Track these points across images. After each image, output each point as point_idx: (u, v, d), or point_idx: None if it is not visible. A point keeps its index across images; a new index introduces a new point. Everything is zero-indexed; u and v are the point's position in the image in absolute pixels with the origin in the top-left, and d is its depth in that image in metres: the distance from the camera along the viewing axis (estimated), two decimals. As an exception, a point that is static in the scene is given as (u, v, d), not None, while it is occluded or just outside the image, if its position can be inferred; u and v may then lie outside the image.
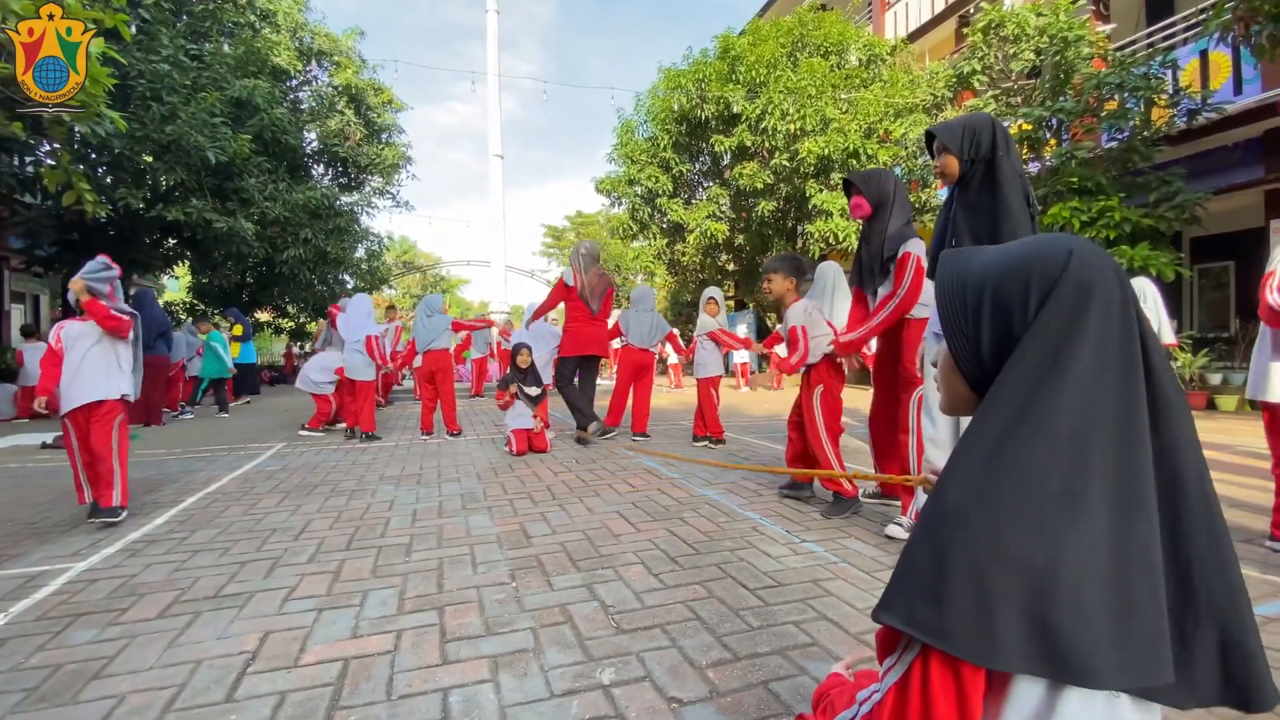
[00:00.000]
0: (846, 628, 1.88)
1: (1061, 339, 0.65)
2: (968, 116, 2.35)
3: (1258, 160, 8.16)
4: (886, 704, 0.68)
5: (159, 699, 1.54)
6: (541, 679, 1.60)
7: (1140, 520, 0.62)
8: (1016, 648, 0.60)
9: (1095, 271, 0.66)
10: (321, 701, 1.51)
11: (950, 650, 0.62)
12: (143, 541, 2.88)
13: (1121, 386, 0.64)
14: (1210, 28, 5.61)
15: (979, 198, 2.29)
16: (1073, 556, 0.60)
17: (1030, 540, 0.61)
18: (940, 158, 2.36)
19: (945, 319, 0.77)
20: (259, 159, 11.10)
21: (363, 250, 15.30)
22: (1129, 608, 0.61)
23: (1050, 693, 0.64)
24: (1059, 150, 8.28)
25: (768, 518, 3.11)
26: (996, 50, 9.36)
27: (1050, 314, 0.66)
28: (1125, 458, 0.63)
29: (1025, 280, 0.69)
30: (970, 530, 0.63)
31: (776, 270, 3.54)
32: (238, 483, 4.17)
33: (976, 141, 2.28)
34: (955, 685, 0.63)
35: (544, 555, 2.59)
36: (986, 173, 2.28)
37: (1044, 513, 0.61)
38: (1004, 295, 0.70)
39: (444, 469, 4.56)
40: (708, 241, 13.44)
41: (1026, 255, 0.71)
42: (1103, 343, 0.64)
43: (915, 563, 0.67)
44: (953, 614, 0.62)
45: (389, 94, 15.62)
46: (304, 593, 2.22)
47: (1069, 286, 0.66)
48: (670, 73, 13.29)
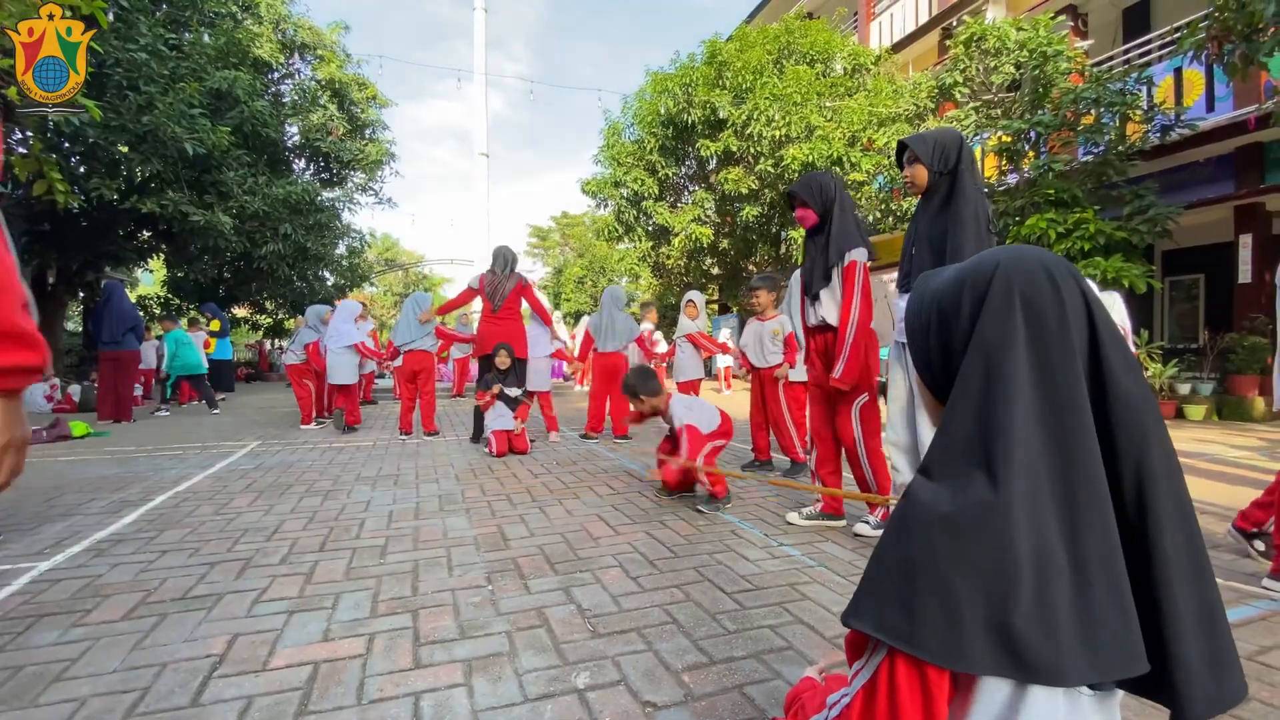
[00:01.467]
0: (822, 631, 1.89)
1: (997, 347, 0.68)
2: (939, 130, 2.47)
3: (1228, 176, 8.41)
4: (855, 707, 0.70)
5: (121, 703, 1.50)
6: (515, 683, 1.59)
7: (1094, 518, 0.64)
8: (983, 651, 0.62)
9: (1021, 279, 0.69)
10: (290, 706, 1.49)
11: (919, 654, 0.64)
12: (109, 541, 2.81)
13: (1063, 388, 0.66)
14: (1185, 46, 5.76)
15: (940, 208, 2.41)
16: (1032, 560, 0.62)
17: (990, 547, 0.62)
18: (911, 167, 2.46)
19: (909, 335, 0.82)
20: (238, 152, 10.92)
21: (344, 247, 15.13)
22: (1091, 606, 0.62)
23: (1016, 691, 0.65)
24: (1037, 162, 8.45)
25: (746, 521, 3.12)
26: (978, 63, 9.52)
27: (984, 324, 0.69)
28: (1071, 459, 0.65)
29: (959, 294, 0.74)
30: (934, 537, 0.65)
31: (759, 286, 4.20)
32: (210, 481, 4.09)
33: (945, 155, 2.40)
34: (921, 687, 0.65)
35: (521, 558, 2.57)
36: (950, 186, 2.40)
37: (1004, 519, 0.63)
38: (944, 310, 0.75)
39: (422, 470, 4.52)
40: (693, 245, 13.50)
41: (963, 270, 0.76)
42: (1038, 345, 0.67)
43: (884, 568, 0.69)
44: (920, 619, 0.64)
45: (373, 89, 15.48)
46: (275, 595, 2.18)
47: (997, 297, 0.69)
48: (657, 76, 13.34)
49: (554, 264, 32.86)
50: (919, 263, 2.46)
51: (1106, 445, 0.66)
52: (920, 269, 2.42)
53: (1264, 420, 7.48)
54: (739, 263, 15.01)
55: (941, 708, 0.65)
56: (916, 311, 0.81)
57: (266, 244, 11.99)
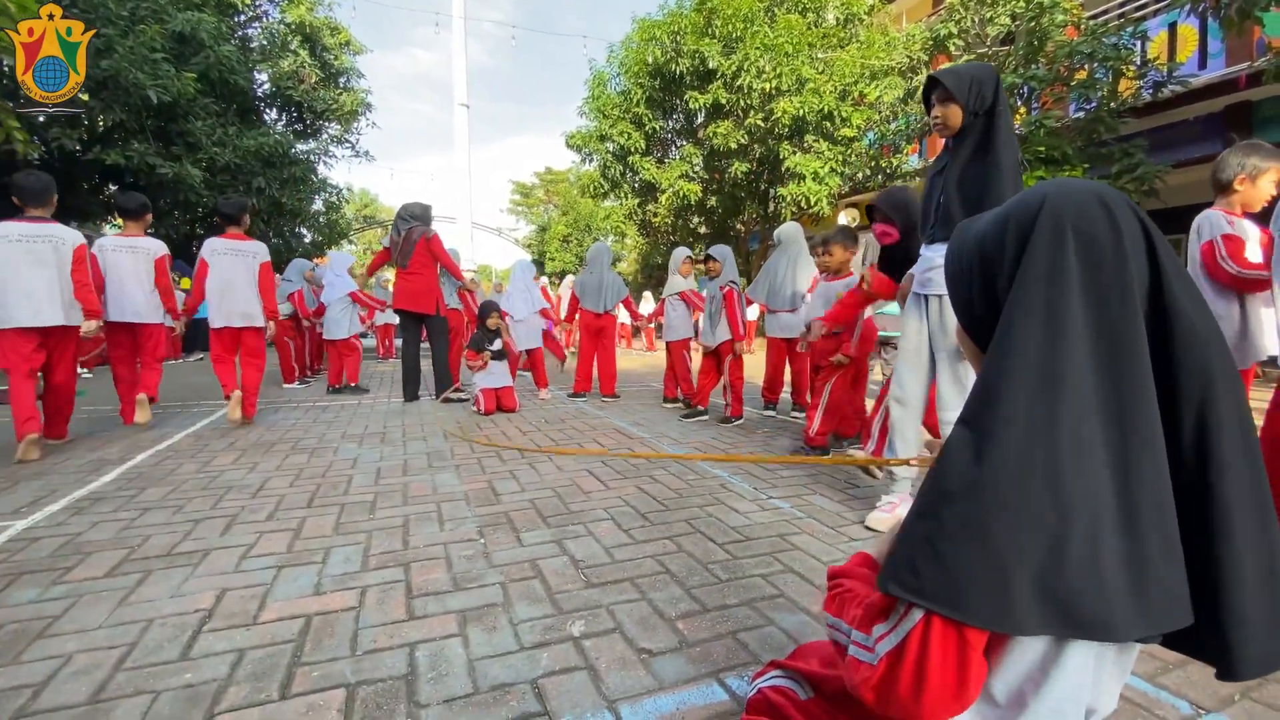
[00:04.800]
0: (812, 580, 1.91)
1: (1045, 283, 0.63)
2: (973, 65, 2.18)
3: (1217, 135, 8.37)
4: (879, 670, 0.66)
5: (108, 658, 1.48)
6: (511, 632, 1.59)
7: (1148, 466, 0.60)
8: (1032, 609, 0.58)
9: (1072, 212, 0.63)
10: (282, 658, 1.48)
11: (965, 619, 0.60)
12: (89, 499, 2.75)
13: (1119, 329, 0.61)
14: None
15: (974, 153, 2.16)
16: (1084, 510, 0.58)
17: (1038, 499, 0.59)
18: (943, 107, 2.18)
19: (950, 282, 0.78)
20: (205, 100, 10.43)
21: (320, 202, 14.65)
22: (1143, 557, 0.59)
23: (1052, 647, 0.63)
24: (1028, 119, 8.33)
25: (735, 475, 3.14)
26: (973, 14, 9.28)
27: (1031, 261, 0.64)
28: (1125, 405, 0.60)
29: (1002, 234, 0.68)
30: (978, 492, 0.60)
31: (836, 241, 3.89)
32: (191, 439, 4.02)
33: (981, 93, 2.12)
34: (958, 653, 0.62)
35: (513, 512, 2.57)
36: (986, 129, 2.14)
37: (1052, 469, 0.59)
38: (987, 252, 0.70)
39: (409, 428, 4.48)
40: (680, 202, 13.26)
41: (1007, 209, 0.70)
42: (1091, 282, 0.62)
43: (922, 527, 0.64)
44: (966, 580, 0.59)
45: (346, 34, 14.78)
46: (263, 550, 2.15)
47: (1044, 231, 0.64)
48: (645, 23, 12.85)
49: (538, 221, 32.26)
50: (948, 214, 2.20)
51: (1168, 387, 0.61)
52: (949, 221, 2.19)
53: (1237, 378, 7.67)
54: (727, 221, 14.82)
55: (973, 674, 0.62)
56: (957, 256, 0.76)
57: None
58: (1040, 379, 0.61)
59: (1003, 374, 0.63)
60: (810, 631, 1.60)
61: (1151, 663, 1.45)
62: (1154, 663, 1.45)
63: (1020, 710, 0.65)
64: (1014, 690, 0.65)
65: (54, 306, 3.53)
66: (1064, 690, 0.63)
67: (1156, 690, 1.36)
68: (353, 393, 6.36)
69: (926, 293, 2.33)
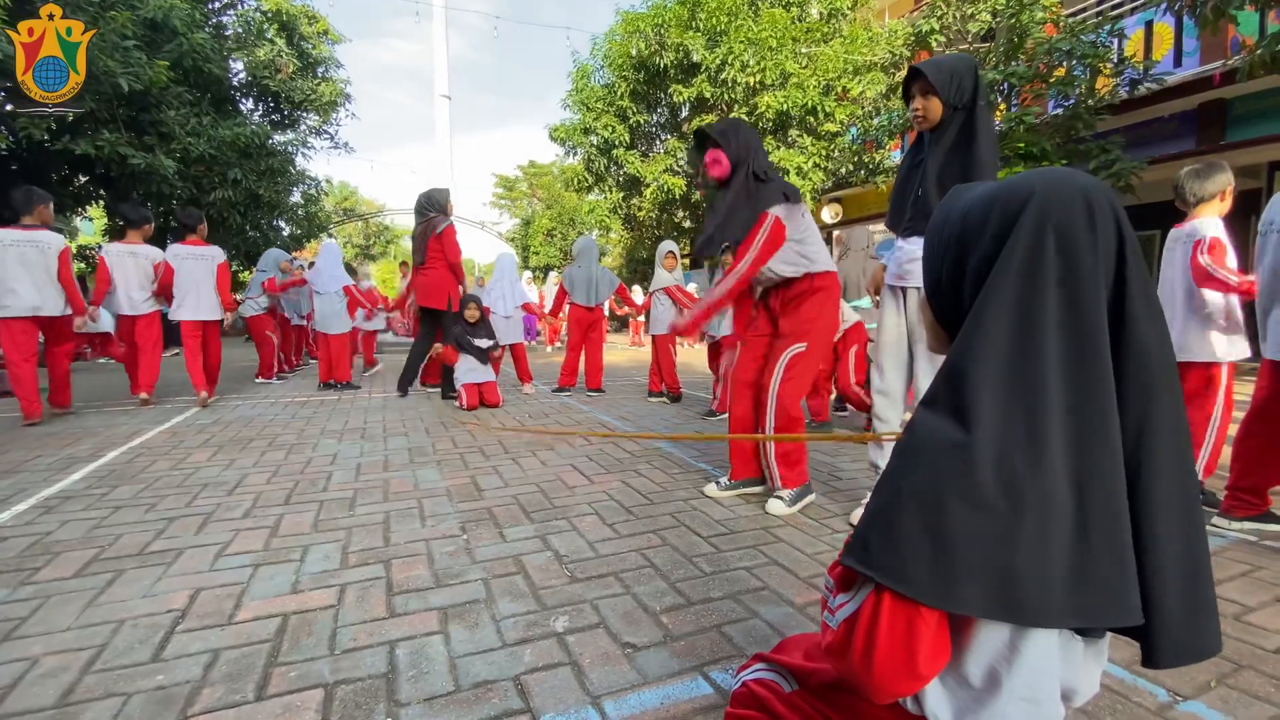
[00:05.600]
0: (796, 572, 1.92)
1: (1022, 277, 0.63)
2: (954, 58, 2.18)
3: (1191, 132, 8.54)
4: (837, 635, 0.69)
5: (77, 660, 1.44)
6: (493, 629, 1.58)
7: (1104, 469, 0.61)
8: (974, 592, 0.60)
9: (1058, 208, 0.64)
10: (259, 658, 1.44)
11: (909, 593, 0.61)
12: (58, 498, 2.67)
13: (1087, 326, 0.62)
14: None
15: (953, 147, 2.15)
16: (1035, 503, 0.60)
17: (992, 487, 0.60)
18: (924, 99, 2.16)
19: (927, 250, 0.77)
20: (179, 89, 10.14)
21: (298, 194, 14.35)
22: (1087, 554, 0.61)
23: (1016, 631, 0.64)
24: (1009, 115, 8.42)
25: (720, 469, 3.14)
26: (955, 10, 9.34)
27: (1010, 253, 0.64)
28: (1090, 403, 0.62)
29: (987, 214, 0.68)
30: (934, 471, 0.62)
31: None
32: (165, 436, 3.93)
33: (961, 86, 2.12)
34: (907, 625, 0.63)
35: (496, 508, 2.54)
36: (966, 122, 2.14)
37: (1009, 460, 0.60)
38: (969, 228, 0.70)
39: (389, 423, 4.42)
40: (664, 197, 13.22)
41: (997, 189, 0.70)
42: (1064, 281, 0.63)
43: (881, 502, 0.66)
44: (914, 558, 0.61)
45: (324, 23, 14.48)
46: (239, 549, 2.11)
47: (1028, 224, 0.64)
48: (629, 16, 12.76)
49: (522, 215, 31.98)
50: (926, 207, 2.20)
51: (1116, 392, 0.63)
52: (927, 214, 2.17)
53: (1208, 370, 7.86)
54: (711, 216, 14.80)
55: (923, 649, 0.63)
56: (941, 225, 0.75)
57: (215, 190, 11.26)
58: (1008, 371, 0.62)
59: (971, 361, 0.64)
60: (794, 624, 1.60)
61: (1129, 650, 1.47)
62: (1131, 650, 1.46)
63: (995, 690, 0.66)
64: (987, 670, 0.66)
65: (39, 299, 4.20)
66: (1035, 666, 0.65)
67: (1134, 677, 1.38)
68: (344, 389, 6.23)
69: (905, 285, 2.32)
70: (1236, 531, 2.29)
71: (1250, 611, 1.69)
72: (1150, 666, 0.65)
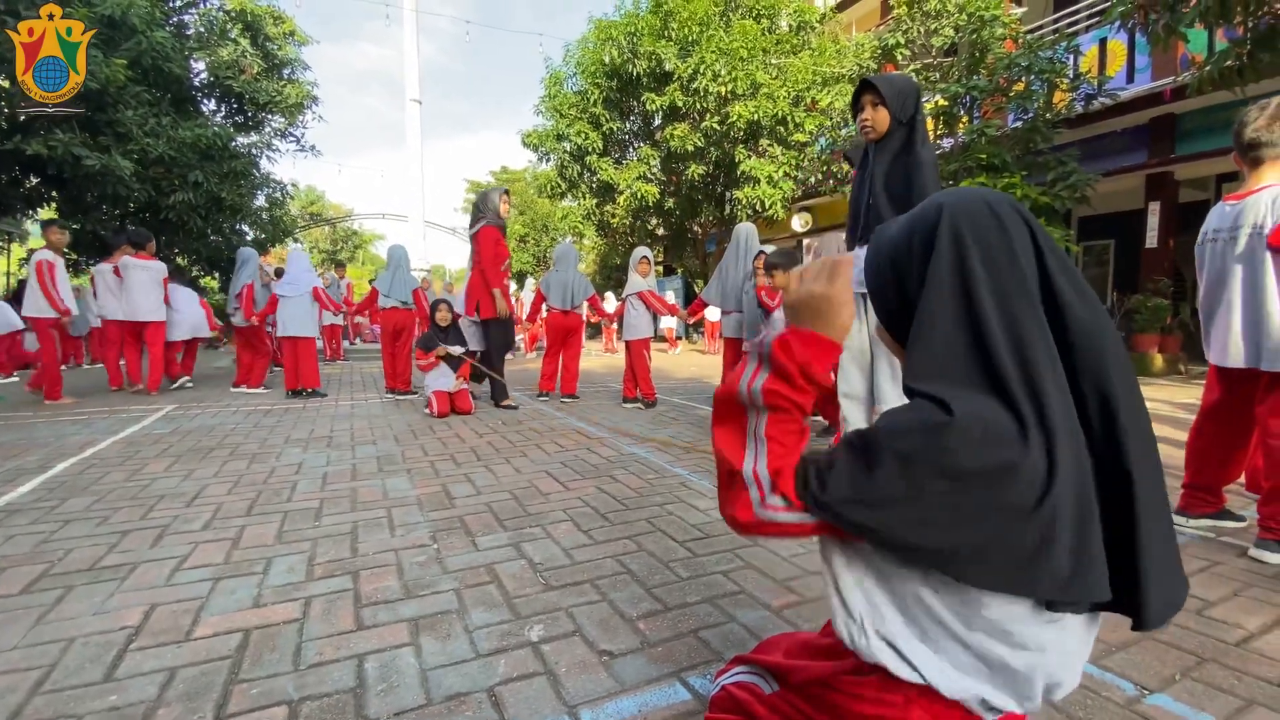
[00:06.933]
0: (773, 575, 1.92)
1: (950, 286, 0.70)
2: (898, 76, 2.42)
3: (1143, 146, 8.89)
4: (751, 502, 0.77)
5: (24, 681, 1.36)
6: (466, 640, 1.54)
7: (1065, 451, 0.64)
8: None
9: (964, 218, 0.71)
10: (218, 676, 1.38)
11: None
12: (3, 512, 2.54)
13: (1021, 316, 0.67)
14: (1112, 15, 5.94)
15: (897, 155, 2.38)
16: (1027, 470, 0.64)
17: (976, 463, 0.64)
18: (874, 110, 2.39)
19: (870, 289, 0.84)
20: (137, 88, 9.81)
21: (263, 198, 13.99)
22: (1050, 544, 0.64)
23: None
24: (970, 127, 8.67)
25: (695, 473, 3.14)
26: (920, 25, 9.60)
27: (936, 267, 0.71)
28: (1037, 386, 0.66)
29: (909, 241, 0.76)
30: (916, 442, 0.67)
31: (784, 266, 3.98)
32: (120, 446, 3.77)
33: (905, 102, 2.37)
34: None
35: (468, 516, 2.49)
36: (908, 134, 2.38)
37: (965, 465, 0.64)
38: (898, 259, 0.78)
39: (358, 431, 4.32)
40: (638, 204, 13.26)
41: (911, 218, 0.78)
42: (991, 279, 0.69)
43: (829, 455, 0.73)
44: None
45: (290, 24, 14.19)
46: (197, 561, 2.02)
47: (944, 239, 0.72)
48: (601, 24, 12.82)
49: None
50: (878, 213, 2.42)
51: (1069, 372, 0.68)
52: (878, 220, 2.39)
53: (1162, 375, 8.15)
54: (684, 223, 14.91)
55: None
56: (874, 265, 0.82)
57: (175, 193, 10.89)
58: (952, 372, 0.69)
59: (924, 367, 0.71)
60: (771, 627, 1.60)
61: (1096, 645, 1.50)
62: (1098, 646, 1.50)
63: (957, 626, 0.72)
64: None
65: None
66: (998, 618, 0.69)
67: (1102, 672, 1.41)
68: (311, 396, 6.04)
69: (865, 292, 2.39)
70: (1194, 529, 2.37)
71: (1211, 606, 1.74)
72: (1140, 629, 0.69)
